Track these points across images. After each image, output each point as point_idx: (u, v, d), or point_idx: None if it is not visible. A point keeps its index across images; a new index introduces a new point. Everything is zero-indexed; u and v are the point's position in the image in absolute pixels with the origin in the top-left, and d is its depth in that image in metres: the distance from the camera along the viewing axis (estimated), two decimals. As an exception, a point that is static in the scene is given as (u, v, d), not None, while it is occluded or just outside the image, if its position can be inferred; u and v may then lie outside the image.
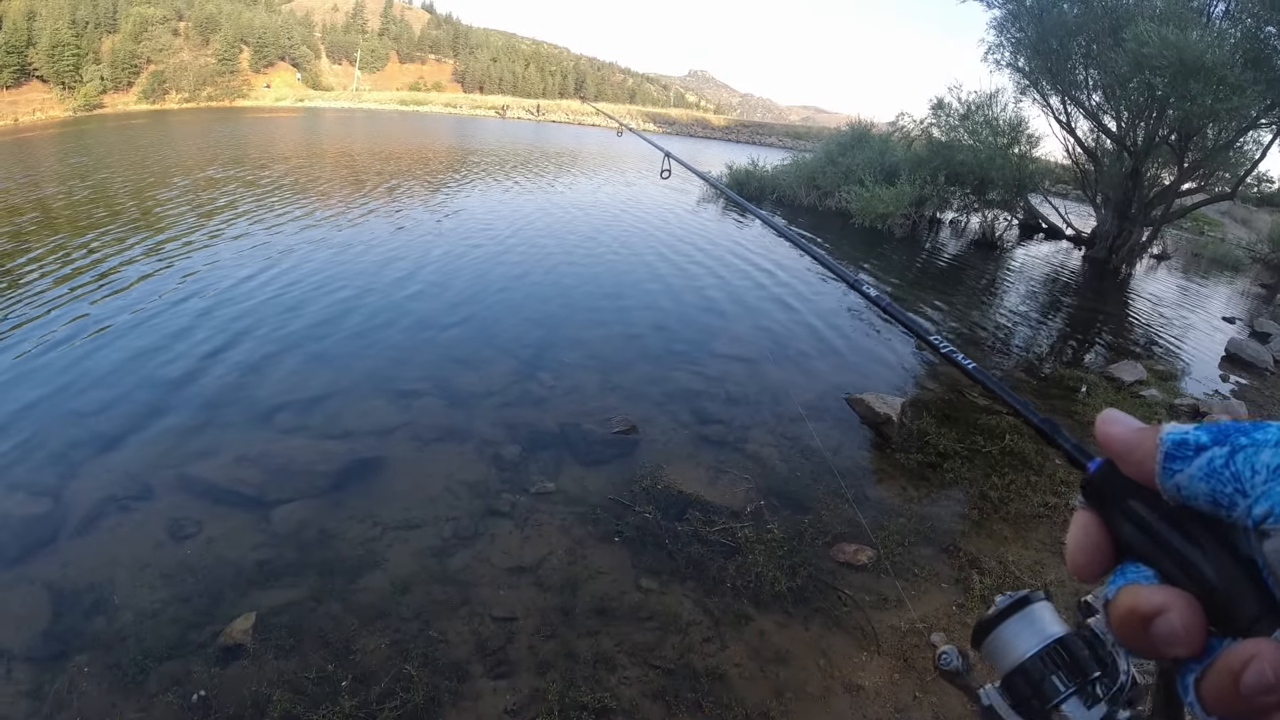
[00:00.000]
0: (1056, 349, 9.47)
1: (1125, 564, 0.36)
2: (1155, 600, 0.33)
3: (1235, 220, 29.53)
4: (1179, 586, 0.34)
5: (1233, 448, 0.32)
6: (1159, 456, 0.35)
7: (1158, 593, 0.33)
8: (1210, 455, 0.33)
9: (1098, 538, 0.37)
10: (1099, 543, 0.37)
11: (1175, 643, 0.32)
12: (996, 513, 4.82)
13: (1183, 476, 0.34)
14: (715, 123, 77.32)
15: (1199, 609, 0.32)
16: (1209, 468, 0.33)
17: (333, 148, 28.78)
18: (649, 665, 3.35)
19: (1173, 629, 0.32)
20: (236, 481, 4.58)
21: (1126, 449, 0.37)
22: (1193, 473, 0.33)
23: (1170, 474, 0.34)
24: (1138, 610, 0.33)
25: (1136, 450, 0.36)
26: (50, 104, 63.71)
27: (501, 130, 49.62)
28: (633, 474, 4.96)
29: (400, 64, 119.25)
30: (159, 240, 10.79)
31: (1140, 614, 0.33)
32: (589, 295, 9.20)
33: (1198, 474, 0.33)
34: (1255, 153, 15.50)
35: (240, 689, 3.08)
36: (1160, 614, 0.32)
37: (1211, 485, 0.33)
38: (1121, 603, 0.34)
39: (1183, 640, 0.32)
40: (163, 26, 78.60)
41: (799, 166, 21.59)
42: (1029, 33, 16.62)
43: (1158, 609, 0.33)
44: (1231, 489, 0.32)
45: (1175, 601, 0.33)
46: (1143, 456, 0.36)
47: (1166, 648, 0.33)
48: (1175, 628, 0.32)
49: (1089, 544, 0.37)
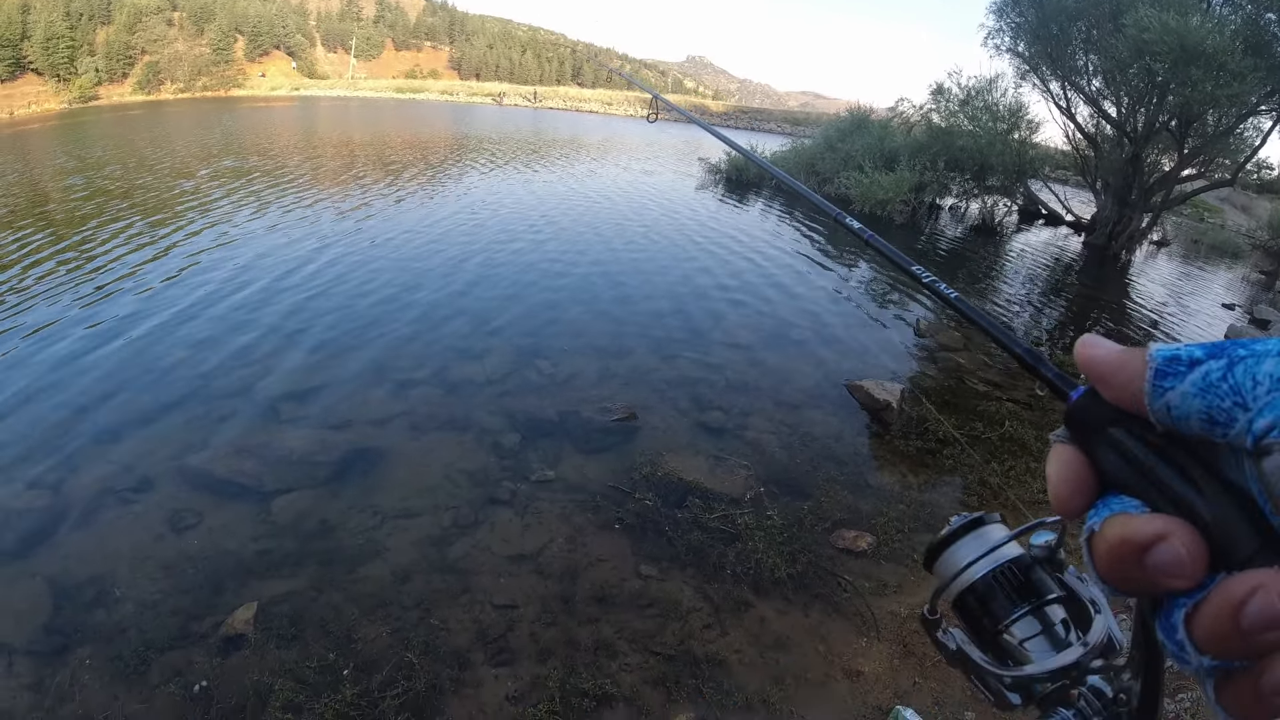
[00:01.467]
0: (1056, 335, 9.46)
1: (1108, 496, 0.34)
2: (1152, 527, 0.30)
3: (1235, 207, 29.47)
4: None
5: (1230, 359, 0.30)
6: (1149, 374, 0.32)
7: (1153, 520, 0.30)
8: (1206, 369, 0.30)
9: (1080, 469, 0.35)
10: (1081, 474, 0.35)
11: (1178, 572, 0.29)
12: (996, 499, 4.82)
13: (1175, 394, 0.31)
14: (714, 109, 76.95)
15: (1199, 535, 0.30)
16: (1204, 382, 0.30)
17: (332, 137, 28.64)
18: (649, 652, 3.36)
19: (1176, 555, 0.29)
20: (236, 472, 4.58)
21: (1111, 370, 0.34)
22: (1186, 389, 0.30)
23: (1161, 392, 0.31)
24: (1132, 539, 0.30)
25: (1123, 370, 0.33)
26: (45, 96, 63.32)
27: (501, 118, 49.39)
28: (632, 461, 4.96)
29: (396, 51, 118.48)
30: (156, 233, 10.75)
31: (1135, 543, 0.30)
32: (587, 283, 9.17)
33: (1192, 390, 0.30)
34: (1255, 139, 15.45)
35: (242, 679, 3.09)
36: (1158, 541, 0.29)
37: (1207, 401, 0.30)
38: (1110, 533, 0.31)
39: (1187, 568, 0.29)
40: (157, 17, 77.98)
41: (798, 153, 21.52)
42: (1029, 17, 16.53)
43: (1155, 536, 0.30)
44: (1230, 403, 0.29)
45: (1174, 527, 0.30)
46: (1130, 375, 0.33)
47: (1166, 579, 0.29)
48: (1179, 554, 0.29)
49: (1071, 476, 0.35)
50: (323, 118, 42.15)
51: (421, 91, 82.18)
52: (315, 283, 8.41)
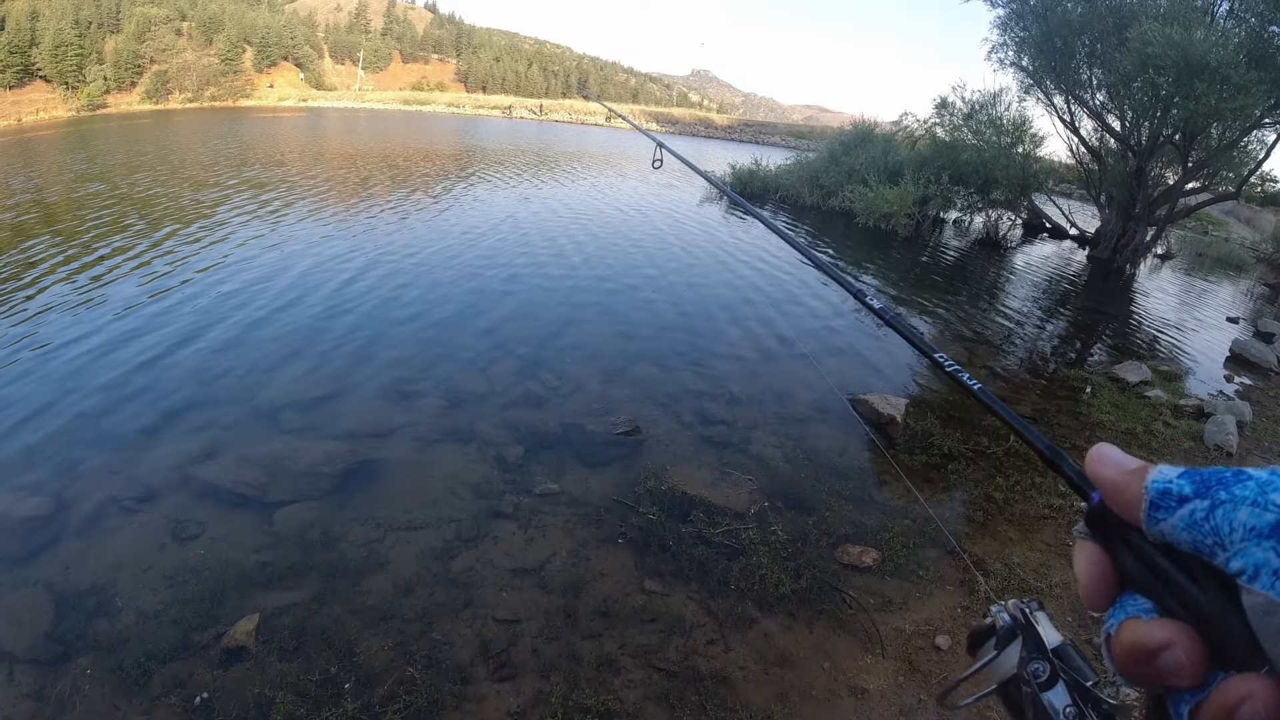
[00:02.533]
0: (1060, 349, 9.44)
1: (1124, 595, 0.37)
2: (1160, 636, 0.34)
3: (1239, 220, 29.50)
4: (1176, 618, 0.35)
5: (1213, 502, 0.34)
6: (1144, 505, 0.36)
7: (1162, 628, 0.34)
8: (1192, 508, 0.34)
9: (1103, 569, 0.38)
10: (1104, 573, 0.38)
11: (1181, 675, 0.33)
12: (1001, 514, 4.80)
13: (1167, 525, 0.35)
14: (718, 122, 77.34)
15: (1201, 642, 0.33)
16: (1190, 519, 0.34)
17: (343, 149, 28.79)
18: (653, 668, 3.34)
19: (1179, 663, 0.33)
20: (239, 483, 4.58)
21: (1115, 491, 0.38)
22: (1175, 523, 0.35)
23: (1155, 521, 0.36)
24: (1142, 645, 0.34)
25: (1124, 494, 0.38)
26: (53, 104, 63.82)
27: (510, 130, 49.61)
28: (636, 475, 4.95)
29: (403, 64, 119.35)
30: (161, 244, 10.80)
31: (1145, 649, 0.34)
32: (591, 296, 9.19)
33: (1180, 524, 0.35)
34: (1259, 152, 15.45)
35: (243, 691, 3.08)
36: (1165, 649, 0.34)
37: (1193, 536, 0.34)
38: (1125, 638, 0.35)
39: (1188, 674, 0.33)
40: (166, 26, 78.68)
41: (802, 166, 21.57)
42: (1033, 32, 16.59)
43: (1163, 644, 0.34)
44: (1211, 542, 0.33)
45: (1179, 636, 0.34)
46: (1129, 501, 0.37)
47: (1170, 680, 0.34)
48: (1181, 662, 0.33)
49: (1096, 574, 0.39)
50: (332, 129, 42.38)
51: (428, 104, 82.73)
52: (320, 295, 8.43)
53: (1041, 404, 6.93)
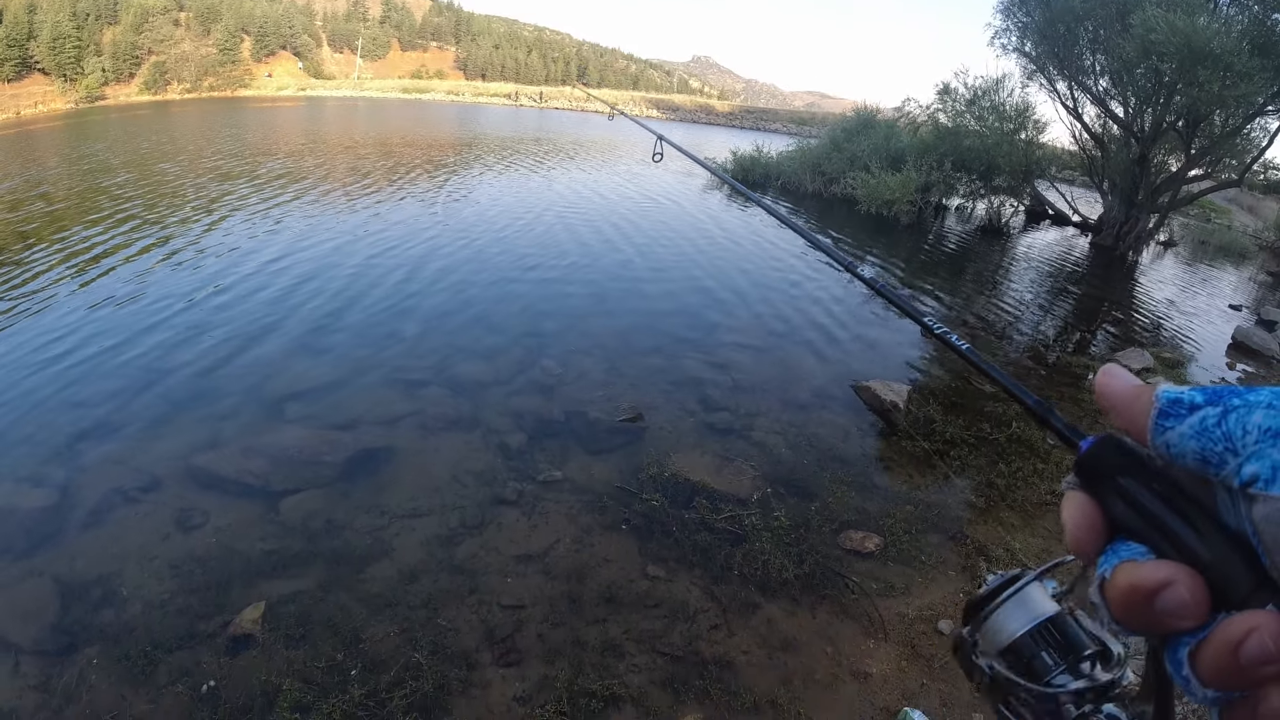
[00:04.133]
0: (1063, 336, 9.43)
1: (1116, 542, 0.36)
2: (1159, 574, 0.33)
3: (1242, 207, 29.37)
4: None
5: (1225, 408, 0.33)
6: (1153, 413, 0.35)
7: (1160, 567, 0.33)
8: (1203, 414, 0.33)
9: (1093, 516, 0.37)
10: (1094, 522, 0.37)
11: (1184, 615, 0.32)
12: (1003, 500, 4.81)
13: (1174, 434, 0.34)
14: (719, 109, 76.99)
15: (1202, 580, 0.32)
16: (1200, 426, 0.33)
17: (345, 138, 28.70)
18: (657, 653, 3.36)
19: (1181, 600, 0.32)
20: (244, 472, 4.59)
21: (1123, 402, 0.37)
22: (1184, 430, 0.34)
23: (1162, 430, 0.35)
24: (1140, 586, 0.33)
25: (1132, 405, 0.37)
26: (52, 96, 63.63)
27: (514, 117, 49.42)
28: (639, 462, 4.96)
29: (402, 52, 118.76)
30: (165, 233, 10.79)
31: (1143, 589, 0.33)
32: (594, 283, 9.18)
33: (1189, 431, 0.33)
34: (1262, 139, 15.36)
35: (250, 679, 3.10)
36: (1165, 587, 0.32)
37: (1202, 443, 0.33)
38: (1120, 580, 0.34)
39: (1190, 612, 0.32)
40: (163, 17, 78.32)
41: (804, 153, 21.48)
42: (1036, 17, 16.49)
43: (1162, 582, 0.32)
44: (1222, 447, 0.32)
45: (1179, 574, 0.32)
46: (1138, 412, 0.36)
47: (1173, 620, 0.32)
48: (1184, 599, 0.32)
49: (1085, 523, 0.37)
50: (332, 118, 42.22)
51: (427, 92, 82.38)
52: (324, 283, 8.42)
53: (1044, 390, 6.92)
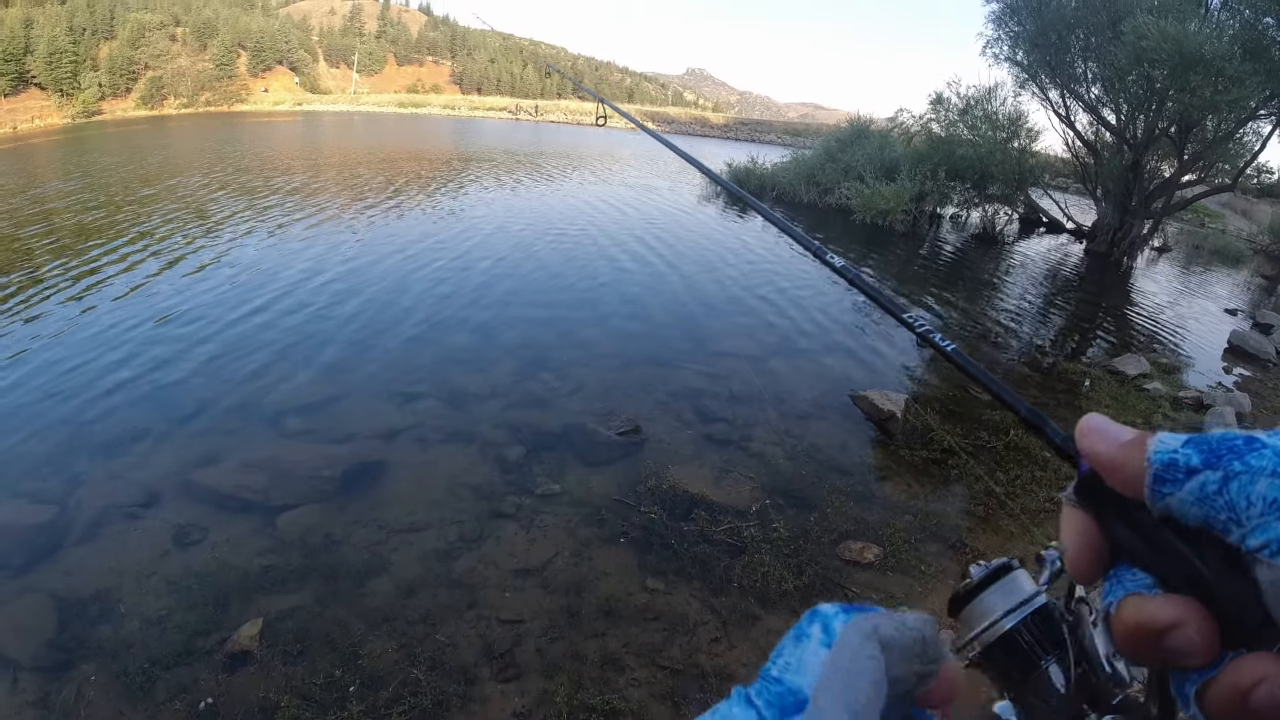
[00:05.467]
0: (1059, 343, 9.45)
1: (1120, 568, 0.34)
2: (1168, 615, 0.31)
3: (1236, 212, 29.48)
4: (1179, 593, 0.32)
5: (1226, 473, 0.30)
6: (1148, 479, 0.33)
7: (1169, 606, 0.31)
8: (1202, 479, 0.31)
9: (1095, 539, 0.35)
10: (1096, 545, 0.35)
11: (1192, 656, 0.30)
12: (1002, 508, 4.81)
13: (1174, 500, 0.32)
14: (714, 121, 77.31)
15: (1212, 621, 0.30)
16: (1201, 493, 0.31)
17: (344, 153, 28.76)
18: (657, 666, 3.35)
19: (1190, 643, 0.30)
20: (241, 487, 4.58)
21: (1112, 466, 0.34)
22: (1184, 497, 0.31)
23: (1160, 496, 0.32)
24: (1149, 625, 0.31)
25: (1123, 469, 0.34)
26: (49, 111, 63.77)
27: (513, 131, 49.57)
28: (637, 474, 4.95)
29: (398, 66, 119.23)
30: (161, 248, 10.80)
31: (1152, 628, 0.31)
32: (590, 295, 9.19)
33: (1189, 498, 0.31)
34: (1255, 144, 15.46)
35: (248, 695, 3.08)
36: (1175, 628, 0.31)
37: (1204, 511, 0.31)
38: (1128, 616, 0.32)
39: (1200, 654, 0.30)
40: (160, 32, 78.61)
41: (799, 164, 21.54)
42: (1027, 26, 16.58)
43: (1172, 623, 0.31)
44: (1225, 517, 0.30)
45: (1189, 615, 0.31)
46: (1130, 474, 0.33)
47: (1181, 660, 0.31)
48: (1193, 642, 0.30)
49: (1088, 546, 0.36)
50: (328, 133, 42.32)
51: (424, 106, 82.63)
52: (320, 298, 8.43)
53: (1041, 397, 6.93)
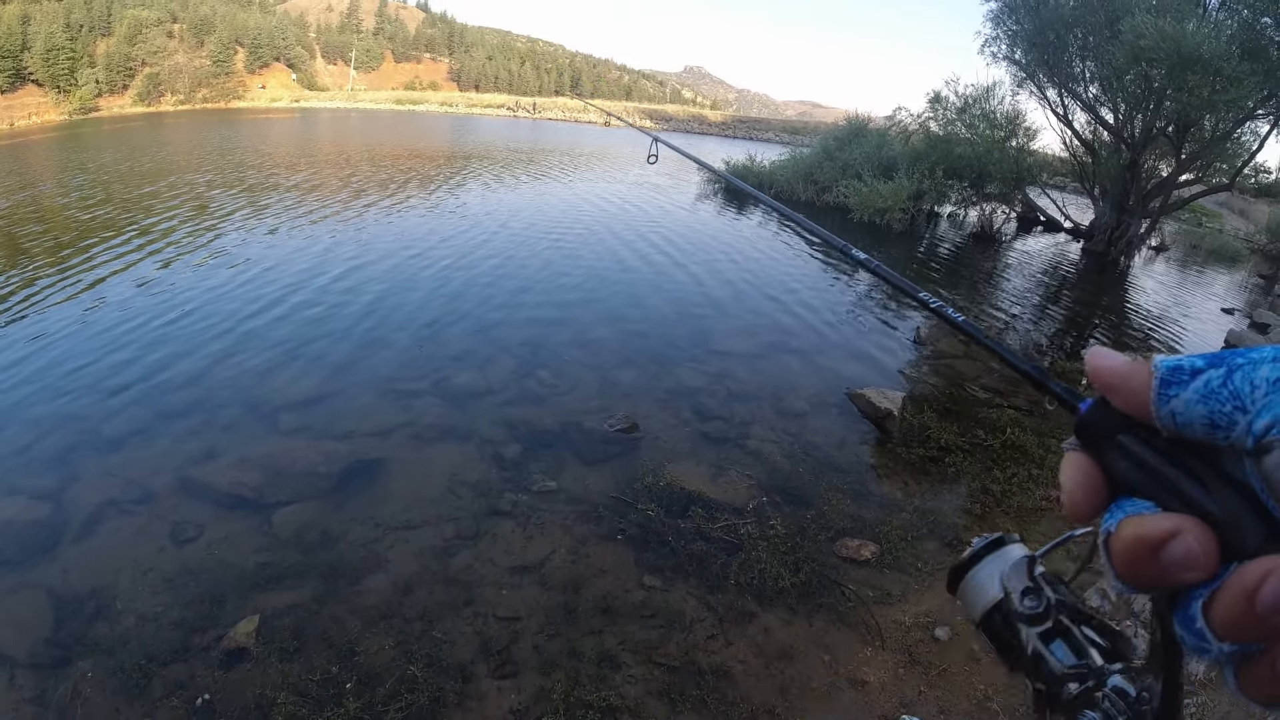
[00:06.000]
0: (1056, 342, 9.47)
1: (1120, 500, 0.35)
2: (1165, 525, 0.32)
3: (1233, 211, 29.56)
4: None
5: (1229, 367, 0.32)
6: (1154, 383, 0.34)
7: (1166, 518, 0.32)
8: (1207, 377, 0.32)
9: (1093, 476, 0.37)
10: (1094, 481, 0.37)
11: (1192, 564, 0.31)
12: (999, 506, 4.82)
13: (1179, 401, 0.33)
14: (712, 118, 77.31)
15: (1211, 530, 0.31)
16: (1206, 389, 0.32)
17: (344, 149, 28.71)
18: (653, 663, 3.35)
19: (1189, 550, 0.31)
20: (237, 484, 4.57)
21: (1120, 379, 0.36)
22: (1189, 396, 0.33)
23: (1166, 400, 0.33)
24: (1146, 538, 0.32)
25: (1130, 380, 0.35)
26: (45, 108, 63.54)
27: (512, 128, 49.50)
28: (634, 472, 4.96)
29: (395, 63, 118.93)
30: (158, 245, 10.77)
31: (1149, 541, 0.32)
32: (587, 293, 9.19)
33: (1194, 396, 0.32)
34: (1253, 143, 15.48)
35: (245, 692, 3.08)
36: (1172, 537, 0.31)
37: (1209, 406, 0.32)
38: (1126, 533, 0.33)
39: (1200, 561, 0.31)
40: (157, 29, 78.29)
41: (796, 162, 21.56)
42: (1025, 25, 16.60)
43: (1169, 533, 0.31)
44: (1230, 407, 0.31)
45: (1186, 524, 0.31)
46: (1137, 385, 0.35)
47: (1181, 572, 0.31)
48: (1192, 549, 0.31)
49: (1085, 483, 0.37)
50: (328, 131, 42.24)
51: (421, 103, 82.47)
52: (318, 295, 8.42)
53: (1037, 396, 6.93)
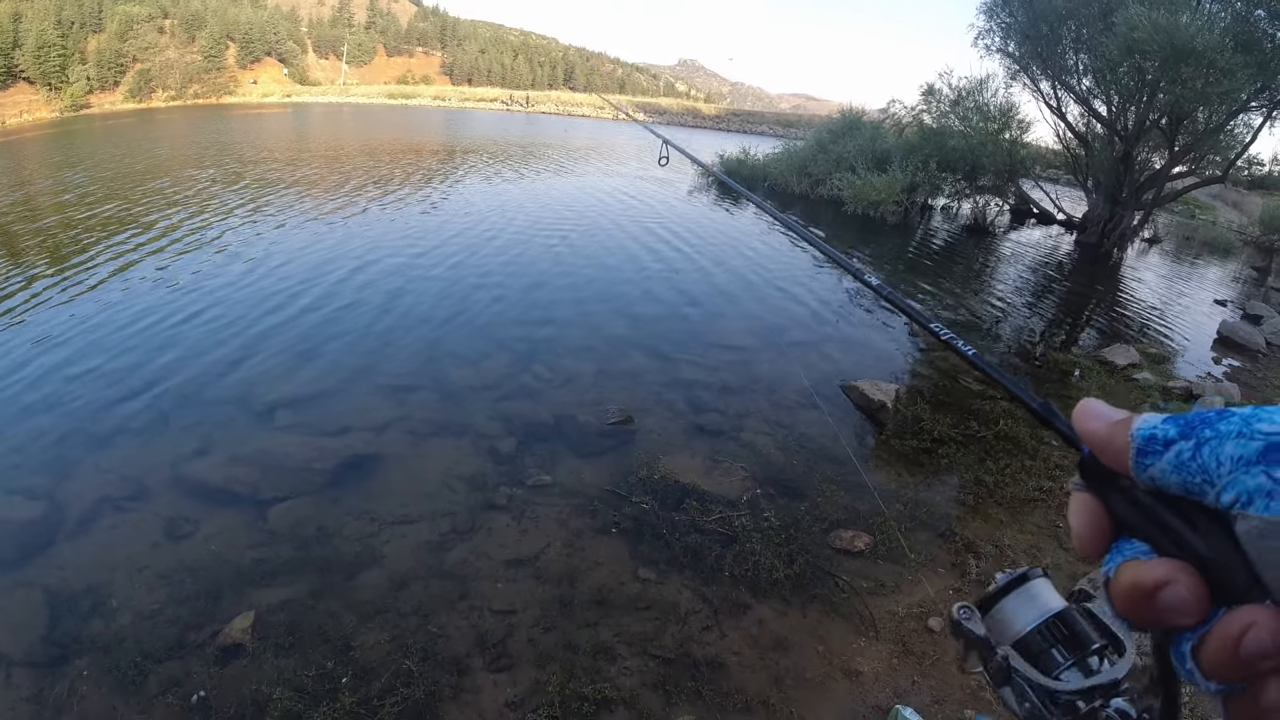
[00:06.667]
0: (1049, 333, 9.50)
1: (1120, 541, 0.37)
2: (1158, 573, 0.34)
3: (1226, 203, 29.64)
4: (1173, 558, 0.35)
5: (1198, 440, 0.34)
6: (1131, 452, 0.36)
7: (1160, 565, 0.34)
8: (1178, 449, 0.35)
9: (1097, 516, 0.39)
10: (1098, 521, 0.38)
11: (1183, 611, 0.33)
12: (992, 497, 4.84)
13: (1155, 470, 0.35)
14: (706, 112, 77.15)
15: (1200, 578, 0.33)
16: (1177, 461, 0.34)
17: (337, 144, 28.59)
18: (648, 655, 3.36)
19: (1180, 598, 0.33)
20: (232, 480, 4.57)
21: (1102, 442, 0.39)
22: (1164, 466, 0.35)
23: (1144, 468, 0.36)
24: (1141, 584, 0.34)
25: (1111, 443, 0.38)
26: (37, 105, 63.06)
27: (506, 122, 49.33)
28: (629, 465, 4.97)
29: (388, 57, 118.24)
30: (149, 242, 10.72)
31: (1144, 587, 0.34)
32: (582, 287, 9.18)
33: (1168, 467, 0.35)
34: (1246, 136, 15.56)
35: (240, 688, 3.08)
36: (1166, 585, 0.33)
37: (1182, 477, 0.34)
38: (1123, 579, 0.35)
39: (1191, 607, 0.33)
40: (148, 25, 77.68)
41: (790, 155, 21.55)
42: (1019, 17, 16.62)
43: (1162, 580, 0.34)
44: (1200, 479, 0.34)
45: (1178, 573, 0.33)
46: (1117, 450, 0.37)
47: (1173, 617, 0.33)
48: (1183, 597, 0.33)
49: (1090, 522, 0.39)
50: (320, 126, 42.01)
51: (414, 97, 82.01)
52: (310, 292, 8.39)
53: (1032, 388, 6.97)
